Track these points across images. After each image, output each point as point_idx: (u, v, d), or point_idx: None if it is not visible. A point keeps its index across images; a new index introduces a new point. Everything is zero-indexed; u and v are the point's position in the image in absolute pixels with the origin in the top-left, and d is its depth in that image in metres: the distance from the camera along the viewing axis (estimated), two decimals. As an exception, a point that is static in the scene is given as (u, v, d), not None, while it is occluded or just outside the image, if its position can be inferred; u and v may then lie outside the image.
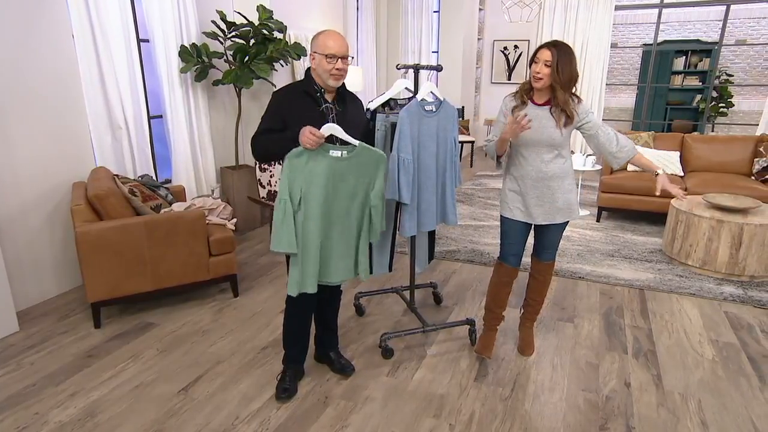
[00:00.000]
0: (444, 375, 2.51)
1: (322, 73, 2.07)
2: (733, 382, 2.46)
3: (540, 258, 2.61)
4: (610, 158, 2.37)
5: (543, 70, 2.22)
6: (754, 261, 3.53)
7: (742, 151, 4.81)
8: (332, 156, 2.05)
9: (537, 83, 2.27)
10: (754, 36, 9.16)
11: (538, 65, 2.24)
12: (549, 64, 2.20)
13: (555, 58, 2.19)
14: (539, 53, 2.24)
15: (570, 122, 2.29)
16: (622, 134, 2.37)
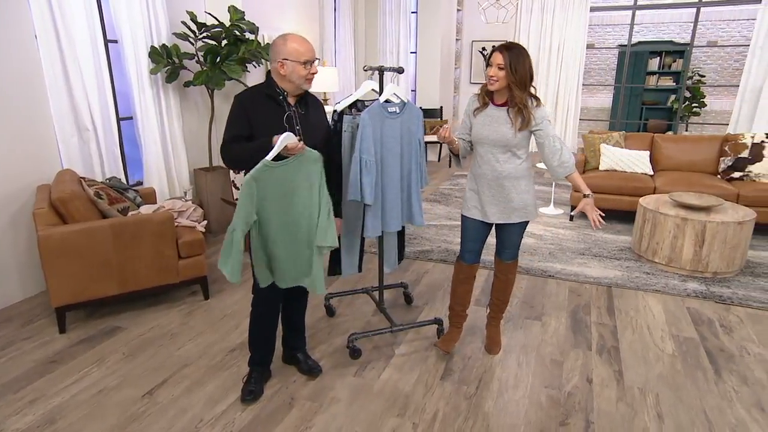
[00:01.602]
0: (410, 374, 2.53)
1: (296, 78, 2.08)
2: (690, 376, 2.52)
3: (502, 258, 2.65)
4: (551, 170, 2.42)
5: (497, 73, 2.27)
6: (717, 258, 3.62)
7: (709, 151, 4.93)
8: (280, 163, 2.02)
9: (492, 86, 2.32)
10: (725, 38, 9.37)
11: (492, 69, 2.28)
12: (502, 66, 2.26)
13: (507, 60, 2.24)
14: (493, 57, 2.29)
15: (526, 125, 2.31)
16: (569, 151, 2.39)
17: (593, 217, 2.32)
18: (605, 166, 4.93)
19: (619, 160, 4.90)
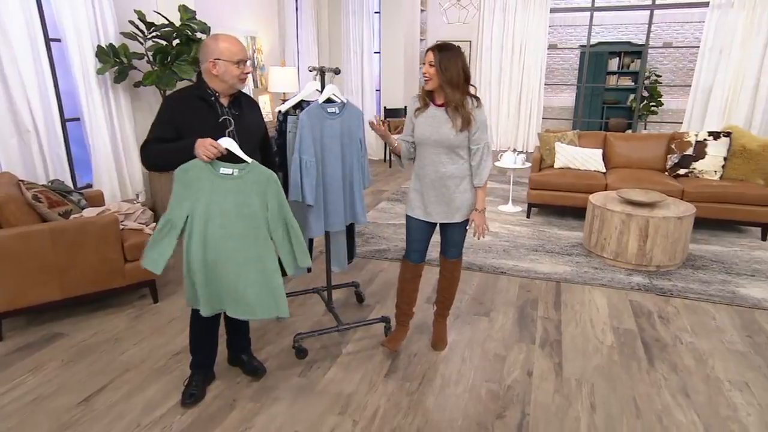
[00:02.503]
0: (355, 373, 2.56)
1: (229, 78, 2.07)
2: (625, 366, 2.61)
3: (446, 256, 2.70)
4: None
5: (429, 70, 2.31)
6: (660, 252, 3.75)
7: (657, 148, 5.09)
8: (222, 173, 1.99)
9: (426, 84, 2.36)
10: (679, 39, 9.68)
11: (425, 66, 2.33)
12: (433, 64, 2.29)
13: (437, 59, 2.28)
14: (426, 55, 2.32)
15: (467, 125, 2.35)
16: (487, 165, 2.45)
17: (480, 230, 2.48)
18: (560, 164, 5.04)
19: (573, 158, 5.02)
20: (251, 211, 2.02)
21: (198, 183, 1.98)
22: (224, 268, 2.02)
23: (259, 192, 2.03)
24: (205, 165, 1.97)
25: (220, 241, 2.00)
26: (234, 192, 2.00)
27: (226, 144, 1.99)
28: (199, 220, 1.99)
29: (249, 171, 2.02)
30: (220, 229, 2.00)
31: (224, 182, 1.99)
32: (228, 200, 1.99)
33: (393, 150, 2.57)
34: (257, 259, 2.06)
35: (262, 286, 2.07)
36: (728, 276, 3.69)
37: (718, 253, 4.13)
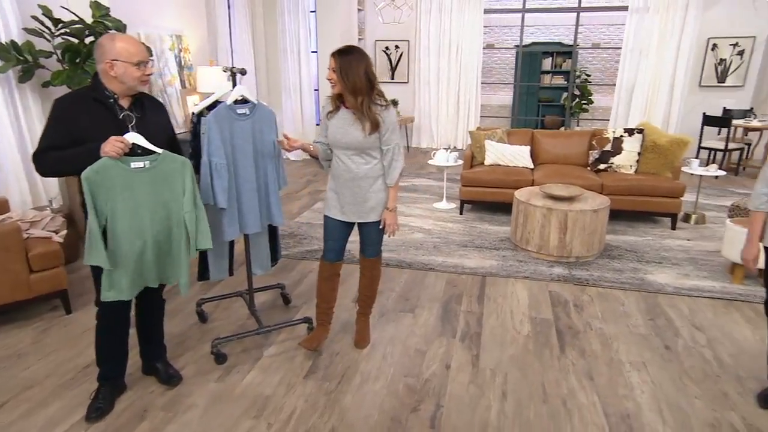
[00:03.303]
0: (275, 375, 2.54)
1: (130, 80, 2.00)
2: (538, 354, 2.73)
3: (365, 255, 2.73)
4: None
5: (332, 76, 2.34)
6: (578, 243, 3.94)
7: (580, 145, 5.34)
8: (134, 168, 2.00)
9: (333, 89, 2.38)
10: (606, 40, 10.19)
11: (329, 72, 2.35)
12: (335, 69, 2.32)
13: (338, 65, 2.30)
14: (330, 60, 2.34)
15: (375, 128, 2.38)
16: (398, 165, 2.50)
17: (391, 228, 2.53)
18: (490, 161, 5.20)
19: (502, 155, 5.19)
20: (171, 196, 2.10)
21: (112, 181, 1.97)
22: (151, 252, 2.10)
23: (176, 178, 2.10)
24: (115, 162, 1.96)
25: (146, 229, 2.06)
26: (150, 183, 2.04)
27: (132, 138, 1.99)
28: (121, 215, 2.00)
29: (161, 160, 2.06)
30: (144, 218, 2.05)
31: (138, 175, 2.01)
32: (146, 191, 2.04)
33: (311, 154, 2.56)
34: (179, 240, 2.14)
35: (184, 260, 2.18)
36: (639, 264, 3.93)
37: (632, 242, 4.39)
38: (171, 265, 2.17)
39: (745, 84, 7.67)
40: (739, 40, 7.48)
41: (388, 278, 3.67)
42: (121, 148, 1.93)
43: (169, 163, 2.08)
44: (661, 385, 2.47)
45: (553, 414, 2.27)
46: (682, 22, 7.42)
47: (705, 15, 7.40)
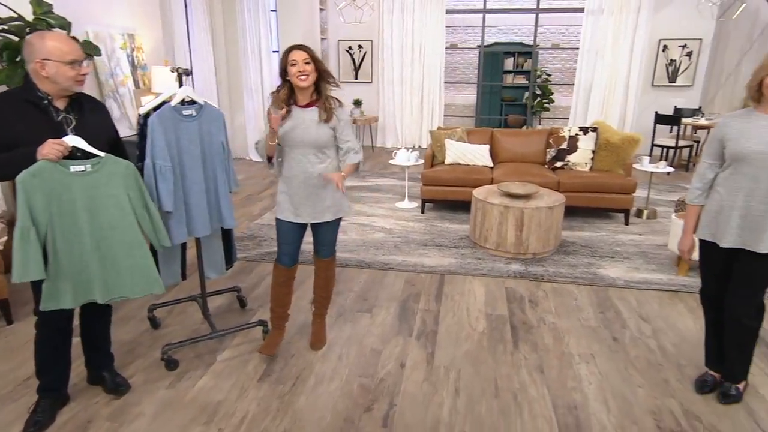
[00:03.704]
0: (228, 380, 2.50)
1: (63, 80, 1.93)
2: (491, 350, 2.78)
3: (319, 256, 2.72)
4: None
5: (306, 67, 2.31)
6: (534, 240, 4.03)
7: (538, 143, 5.46)
8: (74, 171, 1.93)
9: (304, 82, 2.34)
10: (565, 41, 10.45)
11: (298, 65, 2.32)
12: (308, 61, 2.32)
13: (311, 55, 2.32)
14: (294, 55, 2.32)
15: (331, 118, 2.41)
16: (358, 157, 2.48)
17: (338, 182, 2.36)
18: (450, 160, 5.25)
19: (462, 154, 5.25)
20: (115, 201, 2.04)
21: (50, 185, 1.90)
22: (94, 260, 2.03)
23: (119, 182, 2.04)
24: (54, 166, 1.89)
25: (88, 236, 2.00)
26: (92, 187, 1.98)
27: (71, 141, 1.92)
28: (60, 222, 1.93)
29: (103, 164, 2.01)
30: (86, 224, 1.99)
31: (79, 179, 1.95)
32: (87, 195, 1.98)
33: (269, 148, 2.47)
34: (127, 245, 2.10)
35: (135, 269, 2.13)
36: (593, 259, 4.05)
37: (587, 238, 4.52)
38: (116, 274, 2.09)
39: (694, 84, 7.99)
40: (687, 41, 7.79)
41: (347, 278, 3.67)
42: (60, 151, 1.87)
43: (112, 167, 2.03)
44: (607, 376, 2.55)
45: (503, 408, 2.32)
46: (634, 24, 7.68)
47: (655, 17, 7.68)
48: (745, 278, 2.17)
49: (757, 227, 2.08)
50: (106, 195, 2.01)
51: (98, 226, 2.01)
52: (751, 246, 2.11)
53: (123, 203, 2.05)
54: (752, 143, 2.05)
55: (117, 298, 2.12)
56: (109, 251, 2.05)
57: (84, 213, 1.97)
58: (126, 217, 2.07)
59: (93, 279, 2.04)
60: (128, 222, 2.08)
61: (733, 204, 2.14)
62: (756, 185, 2.07)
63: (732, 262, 2.21)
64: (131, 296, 2.14)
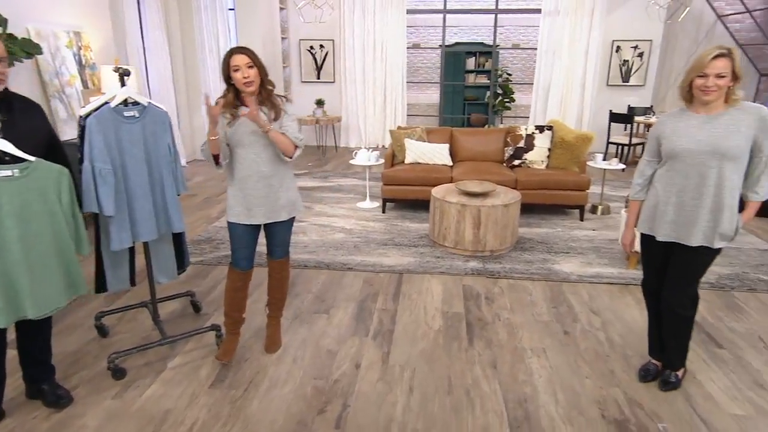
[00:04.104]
0: (178, 387, 2.45)
1: None
2: (446, 348, 2.81)
3: (273, 257, 2.69)
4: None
5: (250, 72, 2.31)
6: (492, 237, 4.09)
7: (497, 142, 5.55)
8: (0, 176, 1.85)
9: (250, 87, 2.33)
10: (524, 41, 10.66)
11: (241, 71, 2.29)
12: (251, 65, 2.31)
13: (254, 58, 2.33)
14: (236, 60, 2.30)
15: (279, 116, 2.41)
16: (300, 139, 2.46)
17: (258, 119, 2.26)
18: (410, 159, 5.28)
19: (422, 153, 5.29)
20: (45, 208, 1.97)
21: None
22: (22, 270, 1.94)
23: (50, 188, 1.98)
24: None
25: (14, 244, 1.90)
26: (19, 193, 1.90)
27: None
28: None
29: (33, 169, 1.93)
30: (12, 231, 1.89)
31: (6, 185, 1.87)
32: (15, 202, 1.89)
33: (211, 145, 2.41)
34: (57, 253, 2.04)
35: (63, 276, 2.08)
36: (548, 255, 4.14)
37: (543, 234, 4.62)
38: (47, 285, 2.01)
39: (646, 83, 8.28)
40: (639, 42, 8.06)
41: (305, 280, 3.64)
42: None
43: (43, 172, 1.95)
44: (557, 369, 2.61)
45: (455, 405, 2.34)
46: (589, 25, 7.90)
47: (608, 19, 7.92)
48: (679, 270, 2.26)
49: (689, 222, 2.17)
50: (35, 201, 1.93)
51: (27, 234, 1.93)
52: (684, 240, 2.20)
53: (54, 209, 1.98)
54: (683, 141, 2.14)
55: (51, 311, 2.04)
56: (38, 260, 1.97)
57: (11, 220, 1.88)
58: (56, 225, 2.00)
59: (22, 293, 1.95)
60: (58, 229, 2.01)
61: (668, 199, 2.22)
62: (687, 182, 2.16)
63: (669, 254, 2.30)
64: (62, 305, 2.08)
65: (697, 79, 2.07)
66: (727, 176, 2.10)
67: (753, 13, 7.58)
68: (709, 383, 2.49)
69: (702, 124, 2.12)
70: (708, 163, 2.10)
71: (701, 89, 2.06)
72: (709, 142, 2.09)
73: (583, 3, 7.81)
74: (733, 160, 2.08)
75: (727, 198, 2.12)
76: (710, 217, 2.14)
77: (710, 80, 2.03)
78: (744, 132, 2.06)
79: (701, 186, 2.13)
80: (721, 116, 2.10)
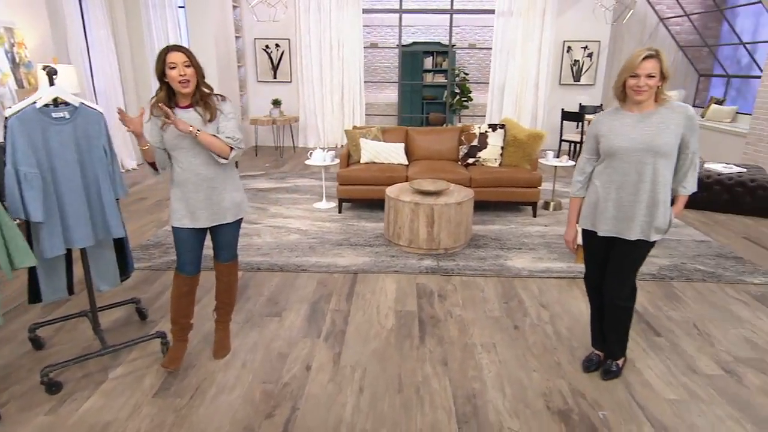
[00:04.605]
0: (119, 398, 2.35)
1: None
2: (398, 347, 2.82)
3: (220, 260, 2.63)
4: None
5: (187, 71, 2.24)
6: (446, 235, 4.14)
7: (451, 141, 5.62)
8: None
9: (186, 88, 2.27)
10: (480, 41, 10.83)
11: (178, 69, 2.23)
12: (188, 64, 2.25)
13: (191, 57, 2.26)
14: (173, 57, 2.23)
15: (214, 116, 2.34)
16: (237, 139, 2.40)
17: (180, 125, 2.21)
18: (366, 159, 5.28)
19: (377, 153, 5.29)
20: None
21: None
22: None
23: None
24: None
25: None
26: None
27: None
28: None
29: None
30: None
31: None
32: None
33: (144, 154, 2.37)
34: None
35: None
36: (501, 251, 4.22)
37: (497, 231, 4.70)
38: None
39: (596, 83, 8.57)
40: (588, 43, 8.33)
41: (258, 283, 3.57)
42: None
43: None
44: (506, 363, 2.66)
45: (405, 403, 2.35)
46: (541, 25, 8.10)
47: (559, 20, 8.15)
48: (619, 263, 2.34)
49: (628, 217, 2.26)
50: None
51: None
52: (624, 234, 2.28)
53: None
54: (620, 139, 2.22)
55: None
56: None
57: None
58: None
59: None
60: None
61: (608, 196, 2.30)
62: (625, 178, 2.24)
63: (610, 248, 2.37)
64: None
65: (629, 79, 2.15)
66: (660, 172, 2.18)
67: (691, 16, 7.96)
68: (647, 370, 2.59)
69: (635, 122, 2.21)
70: (643, 160, 2.18)
71: (633, 89, 2.14)
72: (643, 140, 2.17)
73: (534, 4, 8.00)
74: (665, 157, 2.17)
75: (661, 193, 2.21)
76: (647, 212, 2.23)
77: (641, 80, 2.11)
78: (673, 129, 2.16)
79: (638, 182, 2.21)
80: (653, 115, 2.19)
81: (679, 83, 8.66)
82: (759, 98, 6.24)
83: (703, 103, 8.46)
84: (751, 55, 7.29)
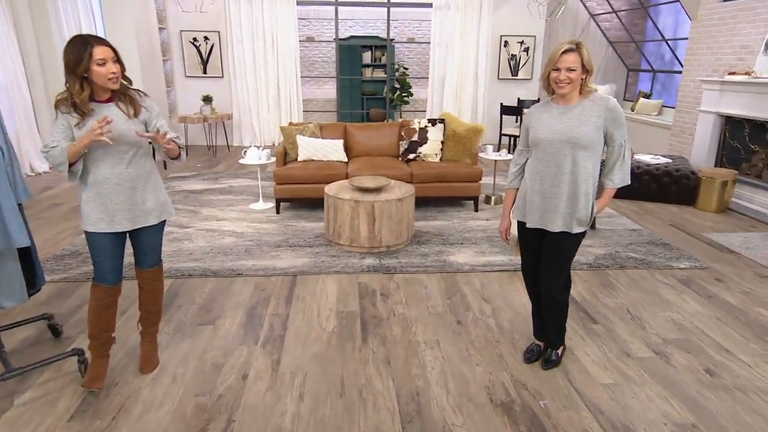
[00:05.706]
0: (27, 426, 2.11)
1: None
2: (340, 349, 2.72)
3: (143, 266, 2.43)
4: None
5: (116, 68, 2.09)
6: (387, 232, 4.08)
7: (391, 136, 5.57)
8: None
9: (116, 84, 2.11)
10: (419, 35, 10.89)
11: (107, 65, 2.04)
12: (116, 59, 2.10)
13: (116, 52, 2.12)
14: (102, 53, 2.04)
15: (139, 111, 2.21)
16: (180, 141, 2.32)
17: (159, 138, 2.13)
18: (303, 157, 5.12)
19: (315, 150, 5.15)
20: None
21: None
22: None
23: None
24: None
25: None
26: None
27: None
28: None
29: None
30: None
31: None
32: None
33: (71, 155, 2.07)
34: None
35: None
36: (444, 247, 4.22)
37: (440, 227, 4.71)
38: None
39: (533, 77, 8.83)
40: (524, 38, 8.57)
41: (189, 290, 3.36)
42: None
43: None
44: (449, 359, 2.63)
45: (348, 406, 2.27)
46: (478, 20, 8.23)
47: (495, 14, 8.32)
48: (549, 255, 2.37)
49: (551, 209, 2.28)
50: None
51: None
52: (548, 226, 2.31)
53: None
54: (543, 131, 2.24)
55: None
56: None
57: None
58: None
59: None
60: None
61: (533, 187, 2.32)
62: (547, 170, 2.26)
63: (541, 240, 2.40)
64: None
65: (552, 73, 2.17)
66: (580, 164, 2.21)
67: (618, 13, 8.37)
68: (584, 357, 2.65)
69: (560, 114, 2.23)
70: (563, 152, 2.21)
71: (555, 82, 2.17)
72: (563, 131, 2.20)
73: (470, -1, 8.11)
74: (585, 149, 2.20)
75: (582, 185, 2.23)
76: (567, 204, 2.26)
77: (562, 73, 2.13)
78: (594, 121, 2.19)
79: (558, 174, 2.24)
80: (576, 107, 2.22)
81: (610, 78, 9.08)
82: (681, 92, 6.64)
83: (632, 97, 8.90)
84: (672, 52, 7.76)
